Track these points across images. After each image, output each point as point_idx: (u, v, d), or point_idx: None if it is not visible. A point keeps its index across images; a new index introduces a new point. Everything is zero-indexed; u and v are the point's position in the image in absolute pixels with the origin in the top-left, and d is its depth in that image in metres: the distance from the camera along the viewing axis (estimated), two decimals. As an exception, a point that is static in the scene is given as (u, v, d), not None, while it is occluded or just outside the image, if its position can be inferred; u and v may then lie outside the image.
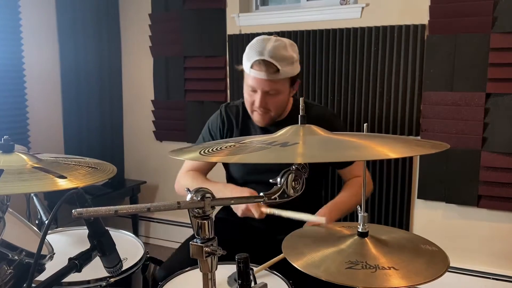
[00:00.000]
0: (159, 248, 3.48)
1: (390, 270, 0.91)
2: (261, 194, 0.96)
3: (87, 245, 1.04)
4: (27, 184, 0.88)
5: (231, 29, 3.11)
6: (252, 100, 1.66)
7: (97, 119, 3.43)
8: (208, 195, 0.86)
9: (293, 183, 0.98)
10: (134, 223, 3.45)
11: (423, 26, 2.54)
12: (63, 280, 1.01)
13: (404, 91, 2.61)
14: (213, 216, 0.89)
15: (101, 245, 1.04)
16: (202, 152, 0.94)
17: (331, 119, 1.77)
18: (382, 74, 2.65)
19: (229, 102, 1.90)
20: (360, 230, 1.03)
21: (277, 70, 1.57)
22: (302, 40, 2.83)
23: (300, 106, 1.02)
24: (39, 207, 1.55)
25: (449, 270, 0.94)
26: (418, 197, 2.68)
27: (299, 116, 1.02)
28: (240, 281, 1.02)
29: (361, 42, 2.68)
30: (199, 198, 0.86)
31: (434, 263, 0.96)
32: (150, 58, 3.44)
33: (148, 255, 1.52)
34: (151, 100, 3.49)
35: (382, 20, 2.63)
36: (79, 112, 3.31)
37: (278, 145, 0.89)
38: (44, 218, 1.51)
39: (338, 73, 2.76)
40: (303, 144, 0.92)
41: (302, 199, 1.06)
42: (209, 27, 3.17)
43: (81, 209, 0.82)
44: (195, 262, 1.06)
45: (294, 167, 0.98)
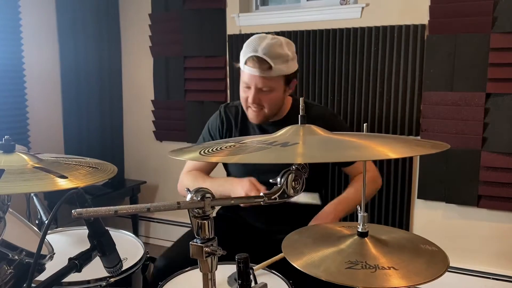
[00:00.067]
0: (159, 248, 3.48)
1: (390, 270, 0.91)
2: (261, 194, 0.96)
3: (87, 245, 1.04)
4: (28, 184, 0.88)
5: (231, 29, 3.11)
6: (246, 96, 1.67)
7: (97, 119, 3.44)
8: (208, 195, 0.86)
9: (293, 183, 0.98)
10: (134, 223, 3.46)
11: (423, 26, 2.54)
12: (63, 280, 1.01)
13: (404, 91, 2.62)
14: (214, 214, 0.89)
15: (101, 245, 1.04)
16: (202, 152, 0.94)
17: (331, 119, 1.77)
18: (382, 74, 2.65)
19: (228, 102, 1.91)
20: (360, 230, 1.03)
21: (270, 67, 1.57)
22: (302, 40, 2.83)
23: (300, 106, 1.02)
24: (39, 207, 1.55)
25: (449, 270, 0.94)
26: (418, 197, 2.68)
27: (299, 116, 1.02)
28: (240, 281, 1.02)
29: (361, 42, 2.68)
30: (199, 198, 0.86)
31: (434, 263, 0.96)
32: (150, 58, 3.44)
33: (148, 255, 1.52)
34: (151, 100, 3.49)
35: (382, 20, 2.63)
36: (79, 112, 3.32)
37: (278, 145, 0.90)
38: (44, 218, 1.51)
39: (338, 73, 2.76)
40: (303, 144, 0.92)
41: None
42: (209, 27, 3.17)
43: (81, 209, 0.82)
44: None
45: (294, 167, 0.99)
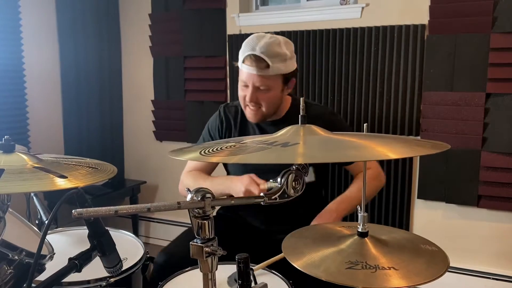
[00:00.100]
0: (159, 248, 3.45)
1: (390, 270, 0.91)
2: (262, 194, 0.96)
3: (87, 245, 1.04)
4: (28, 184, 0.88)
5: (231, 29, 3.11)
6: (244, 95, 1.67)
7: (97, 119, 3.43)
8: (208, 195, 0.86)
9: (294, 183, 0.98)
10: (134, 223, 3.46)
11: (423, 26, 2.54)
12: (63, 280, 1.01)
13: (404, 91, 2.61)
14: (214, 214, 0.89)
15: (101, 245, 1.04)
16: (203, 152, 0.94)
17: (331, 118, 1.77)
18: (382, 74, 2.65)
19: (228, 102, 1.91)
20: (360, 230, 1.03)
21: (268, 66, 1.57)
22: (302, 40, 2.83)
23: (301, 106, 1.02)
24: (39, 207, 1.55)
25: (449, 270, 0.94)
26: (418, 197, 2.68)
27: (300, 116, 1.02)
28: (240, 281, 1.02)
29: (361, 42, 2.68)
30: (199, 198, 0.86)
31: (434, 263, 0.96)
32: (150, 58, 3.44)
33: (148, 255, 1.53)
34: (151, 100, 3.49)
35: (382, 20, 2.63)
36: (79, 112, 3.31)
37: (279, 145, 0.89)
38: (44, 218, 1.51)
39: (338, 73, 2.76)
40: (304, 144, 0.92)
41: (302, 199, 1.06)
42: (209, 27, 3.17)
43: (81, 209, 0.82)
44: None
45: (294, 167, 0.99)
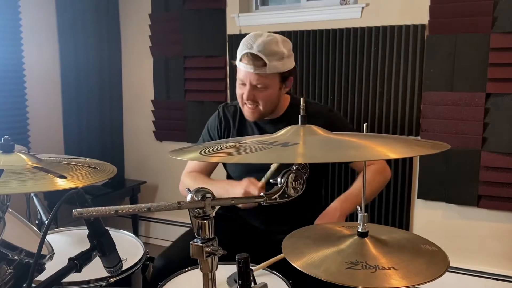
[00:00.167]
0: (159, 248, 3.45)
1: (390, 270, 0.91)
2: (262, 194, 0.96)
3: (87, 245, 1.04)
4: (27, 184, 0.88)
5: (231, 29, 3.11)
6: (241, 93, 1.67)
7: (97, 119, 3.43)
8: (208, 195, 0.86)
9: (294, 183, 0.98)
10: (134, 223, 3.46)
11: (423, 26, 2.53)
12: (63, 280, 1.01)
13: (404, 91, 2.61)
14: (214, 214, 0.89)
15: (101, 245, 1.04)
16: (203, 152, 0.94)
17: (330, 115, 1.77)
18: (382, 74, 2.65)
19: (227, 102, 1.91)
20: (360, 230, 1.03)
21: (265, 64, 1.58)
22: (302, 40, 2.83)
23: (301, 106, 1.02)
24: (39, 207, 1.55)
25: (449, 270, 0.94)
26: (418, 197, 2.68)
27: (300, 116, 1.02)
28: (240, 281, 1.02)
29: (361, 42, 2.68)
30: (199, 198, 0.86)
31: (434, 263, 0.96)
32: (150, 58, 3.44)
33: (148, 255, 1.52)
34: (151, 100, 3.49)
35: (382, 20, 2.63)
36: (79, 112, 3.31)
37: (279, 145, 0.89)
38: (44, 218, 1.51)
39: (338, 73, 2.76)
40: (304, 144, 0.92)
41: (302, 199, 1.06)
42: (209, 27, 3.17)
43: (81, 209, 0.82)
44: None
45: (294, 167, 0.99)
